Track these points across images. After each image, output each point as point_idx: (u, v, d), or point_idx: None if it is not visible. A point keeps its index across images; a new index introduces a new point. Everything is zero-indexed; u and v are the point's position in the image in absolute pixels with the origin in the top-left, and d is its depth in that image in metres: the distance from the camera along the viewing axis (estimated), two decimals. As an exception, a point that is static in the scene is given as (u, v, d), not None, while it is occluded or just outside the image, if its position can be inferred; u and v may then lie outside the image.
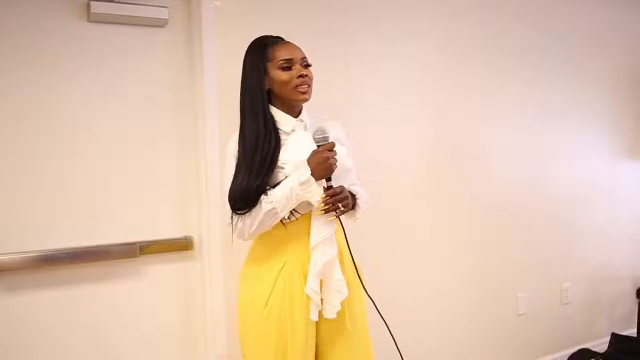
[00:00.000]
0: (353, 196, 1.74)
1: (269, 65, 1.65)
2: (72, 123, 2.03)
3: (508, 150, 3.06)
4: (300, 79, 1.65)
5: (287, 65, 1.64)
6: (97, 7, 2.01)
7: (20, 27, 1.94)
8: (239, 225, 1.60)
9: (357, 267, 1.72)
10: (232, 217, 1.61)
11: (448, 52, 2.83)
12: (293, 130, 1.68)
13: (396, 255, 2.66)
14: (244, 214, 1.58)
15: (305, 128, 1.71)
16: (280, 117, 1.67)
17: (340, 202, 1.60)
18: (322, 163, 1.58)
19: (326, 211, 1.59)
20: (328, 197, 1.58)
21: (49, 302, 1.98)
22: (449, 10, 2.83)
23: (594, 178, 3.48)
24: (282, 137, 1.65)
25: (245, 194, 1.56)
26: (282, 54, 1.65)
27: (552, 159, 3.27)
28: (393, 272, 2.63)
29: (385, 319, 1.72)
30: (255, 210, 1.57)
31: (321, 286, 1.62)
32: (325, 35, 2.44)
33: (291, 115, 1.69)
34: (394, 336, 1.74)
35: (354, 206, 1.74)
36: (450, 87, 2.85)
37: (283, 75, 1.64)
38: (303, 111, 1.74)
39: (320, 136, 1.62)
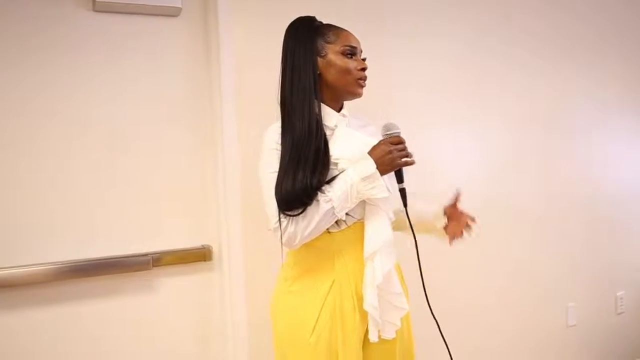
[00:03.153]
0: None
1: (329, 47, 1.47)
2: (77, 121, 1.89)
3: (554, 151, 2.86)
4: (363, 72, 1.49)
5: (352, 53, 1.48)
6: (104, -5, 1.87)
7: (18, 17, 1.80)
8: (290, 228, 1.37)
9: (422, 274, 1.51)
10: (279, 219, 1.39)
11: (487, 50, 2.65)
12: (336, 126, 1.50)
13: (436, 262, 2.44)
14: (297, 215, 1.37)
15: (347, 124, 1.53)
16: (324, 110, 1.49)
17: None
18: (383, 156, 1.40)
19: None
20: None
21: (53, 319, 1.85)
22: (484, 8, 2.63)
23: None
24: (327, 132, 1.46)
25: (302, 191, 1.35)
26: (347, 39, 1.49)
27: (602, 158, 3.06)
28: (432, 281, 2.40)
29: (431, 332, 1.53)
30: (311, 211, 1.36)
31: None
32: (359, 26, 2.22)
33: (334, 109, 1.52)
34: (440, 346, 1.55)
35: None
36: (487, 85, 2.67)
37: (347, 62, 1.47)
38: (345, 106, 1.56)
39: (389, 132, 1.44)
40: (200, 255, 2.02)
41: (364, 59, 1.53)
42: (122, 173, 1.94)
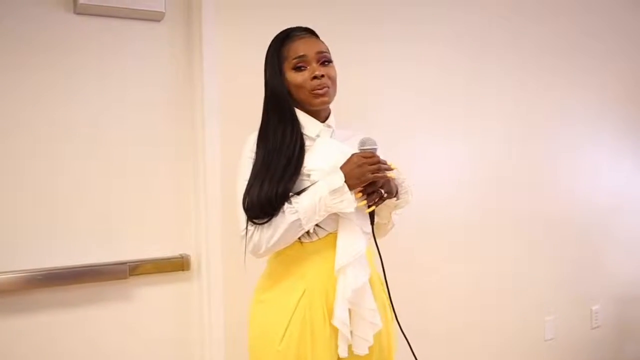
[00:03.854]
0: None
1: (285, 65, 1.47)
2: (54, 126, 1.83)
3: (527, 159, 2.85)
4: (315, 81, 1.44)
5: (301, 65, 1.45)
6: (85, -3, 1.82)
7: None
8: (255, 237, 1.37)
9: (389, 292, 1.49)
10: (247, 227, 1.38)
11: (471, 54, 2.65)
12: (318, 136, 1.49)
13: (413, 278, 2.45)
14: (262, 224, 1.36)
15: (332, 135, 1.51)
16: (306, 120, 1.48)
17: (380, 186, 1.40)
18: (353, 170, 1.38)
19: (367, 195, 1.39)
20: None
21: (25, 328, 1.78)
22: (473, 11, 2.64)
23: (624, 188, 3.27)
24: (307, 142, 1.45)
25: (266, 200, 1.35)
26: (294, 51, 1.46)
27: (577, 168, 3.06)
28: (410, 297, 2.39)
29: (415, 348, 1.49)
30: (276, 221, 1.36)
31: (349, 316, 1.41)
32: (341, 30, 2.22)
33: (317, 119, 1.50)
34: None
35: (396, 194, 1.50)
36: (475, 90, 2.66)
37: (297, 78, 1.45)
38: (331, 116, 1.54)
39: (364, 147, 1.42)
40: (178, 265, 1.97)
41: (328, 61, 1.48)
42: (99, 179, 1.88)
